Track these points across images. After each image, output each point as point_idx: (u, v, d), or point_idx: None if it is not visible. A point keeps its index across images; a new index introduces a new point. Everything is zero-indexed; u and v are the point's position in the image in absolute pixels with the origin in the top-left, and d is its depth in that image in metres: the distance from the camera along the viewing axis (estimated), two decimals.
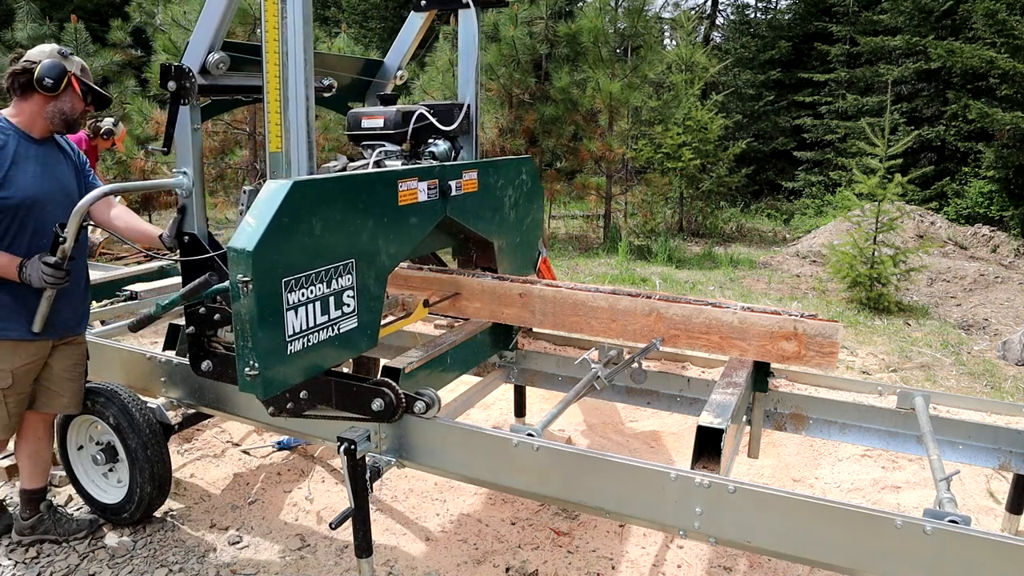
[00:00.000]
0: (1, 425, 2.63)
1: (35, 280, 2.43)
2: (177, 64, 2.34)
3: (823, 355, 2.40)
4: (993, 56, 11.03)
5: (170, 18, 9.03)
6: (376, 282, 2.33)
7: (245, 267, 1.89)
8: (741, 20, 20.93)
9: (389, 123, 2.76)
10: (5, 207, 2.44)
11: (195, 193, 2.48)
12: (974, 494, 3.36)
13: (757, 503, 1.91)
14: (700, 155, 12.07)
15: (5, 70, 2.55)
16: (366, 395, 2.25)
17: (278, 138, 2.20)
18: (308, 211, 2.02)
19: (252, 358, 1.96)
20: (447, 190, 2.61)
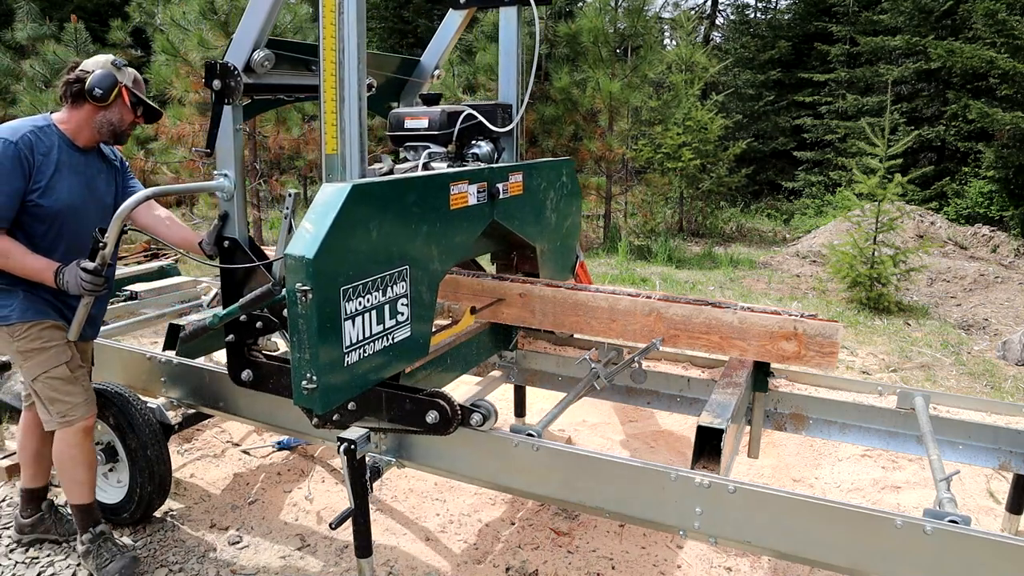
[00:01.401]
0: (82, 401, 2.58)
1: (72, 287, 2.39)
2: (223, 62, 2.26)
3: (823, 355, 2.40)
4: (993, 56, 11.03)
5: (170, 18, 9.02)
6: (428, 289, 2.27)
7: (304, 275, 1.81)
8: (741, 20, 20.94)
9: (434, 124, 2.67)
10: (44, 214, 2.44)
11: (236, 197, 2.40)
12: (974, 494, 3.36)
13: (757, 503, 1.91)
14: (700, 155, 12.07)
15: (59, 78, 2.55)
16: (419, 407, 2.15)
17: (334, 139, 2.12)
18: (366, 216, 1.95)
19: (310, 370, 1.89)
20: (495, 193, 2.54)
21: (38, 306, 2.49)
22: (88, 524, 2.70)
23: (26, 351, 2.50)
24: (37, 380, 2.52)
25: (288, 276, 1.85)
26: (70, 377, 2.54)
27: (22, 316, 2.47)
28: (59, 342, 2.53)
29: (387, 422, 2.20)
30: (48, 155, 2.44)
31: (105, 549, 2.68)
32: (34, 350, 2.50)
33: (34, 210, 2.43)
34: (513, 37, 3.01)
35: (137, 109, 2.58)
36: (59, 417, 2.55)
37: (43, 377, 2.51)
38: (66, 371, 2.54)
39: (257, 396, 2.69)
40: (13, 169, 2.35)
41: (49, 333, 2.52)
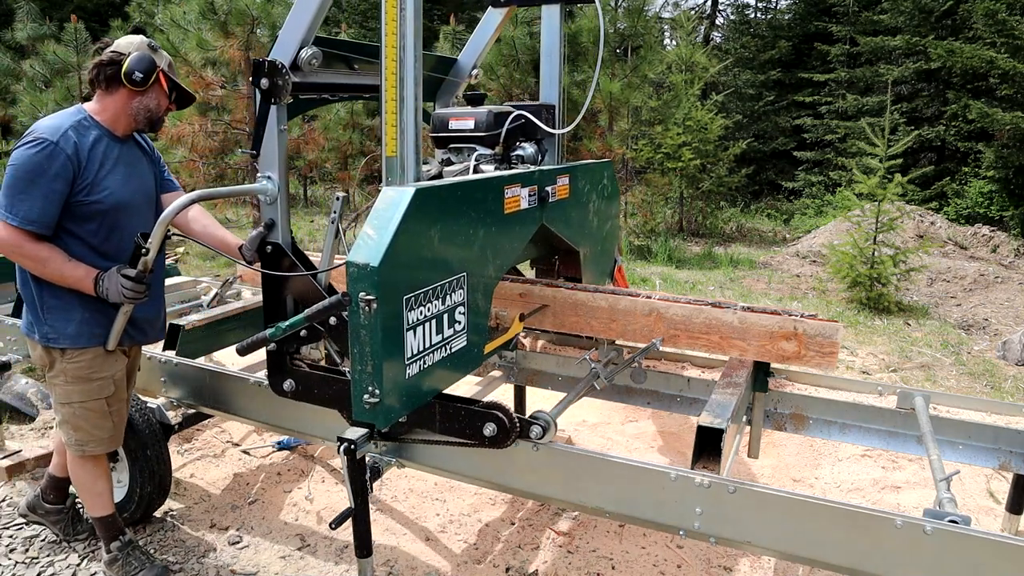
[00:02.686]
0: (107, 437, 2.51)
1: (113, 295, 2.28)
2: (270, 60, 2.16)
3: (823, 355, 2.40)
4: (993, 56, 11.03)
5: (170, 18, 9.02)
6: (484, 297, 2.23)
7: (369, 283, 1.74)
8: (741, 20, 20.94)
9: (480, 125, 2.59)
10: (95, 212, 2.31)
11: (280, 200, 2.29)
12: (974, 494, 3.35)
13: (757, 503, 1.91)
14: (700, 155, 12.07)
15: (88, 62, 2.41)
16: (476, 419, 2.07)
17: (394, 140, 2.02)
18: (428, 221, 1.89)
19: (372, 384, 1.82)
20: (545, 197, 2.47)
21: (95, 330, 2.38)
22: (115, 533, 2.65)
23: (73, 377, 2.40)
24: (70, 405, 2.42)
25: (350, 285, 1.77)
26: (104, 412, 2.47)
27: (75, 343, 2.36)
28: (107, 374, 2.44)
29: (440, 435, 2.12)
30: (93, 150, 2.29)
31: (134, 558, 2.63)
32: (80, 378, 2.40)
33: (83, 209, 2.29)
34: (555, 36, 2.94)
35: (172, 94, 2.44)
36: (77, 446, 2.48)
37: (78, 405, 2.42)
38: (103, 406, 2.46)
39: (257, 396, 2.69)
40: (55, 172, 2.21)
41: (100, 362, 2.42)
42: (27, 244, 2.22)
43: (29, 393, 4.10)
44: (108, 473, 2.65)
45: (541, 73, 3.03)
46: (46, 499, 2.85)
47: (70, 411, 2.43)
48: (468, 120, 2.62)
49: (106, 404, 2.46)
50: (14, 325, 3.33)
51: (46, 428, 3.84)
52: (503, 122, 2.60)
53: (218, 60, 8.84)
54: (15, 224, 2.19)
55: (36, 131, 2.23)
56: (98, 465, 2.59)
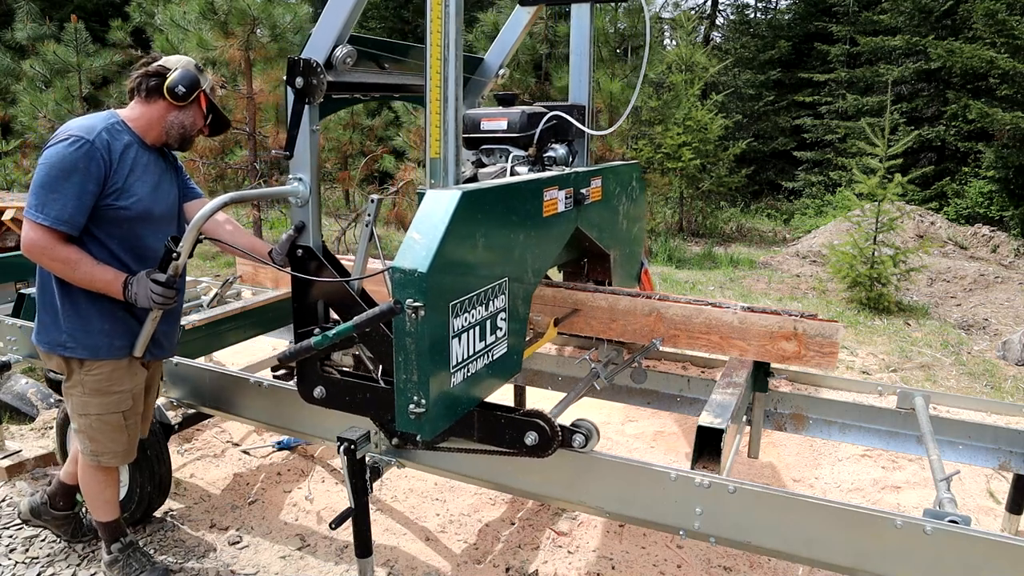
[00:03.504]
0: (122, 451, 2.46)
1: (142, 300, 2.22)
2: (305, 58, 2.09)
3: (823, 355, 2.40)
4: (993, 56, 11.04)
5: (170, 18, 9.02)
6: (524, 302, 2.18)
7: (416, 290, 1.68)
8: (741, 20, 20.96)
9: (514, 125, 2.53)
10: (122, 217, 2.26)
11: (312, 203, 2.22)
12: (974, 494, 3.36)
13: (757, 503, 1.91)
14: (700, 155, 12.07)
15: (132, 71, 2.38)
16: (516, 428, 2.01)
17: (438, 142, 1.96)
18: (474, 225, 1.85)
19: (418, 393, 1.76)
20: (581, 199, 2.43)
21: (116, 342, 2.33)
22: (117, 535, 2.64)
23: (91, 389, 2.35)
24: (87, 416, 2.39)
25: (396, 291, 1.71)
26: (120, 426, 2.42)
27: (95, 355, 2.31)
28: (124, 388, 2.39)
29: (478, 443, 2.08)
30: (124, 154, 2.26)
31: (135, 560, 2.63)
32: (98, 390, 2.36)
33: (111, 213, 2.24)
34: (585, 36, 2.89)
35: (208, 116, 2.43)
36: (91, 456, 2.45)
37: (94, 417, 2.38)
38: (120, 420, 2.41)
39: (257, 396, 2.69)
40: (87, 171, 2.16)
41: (120, 375, 2.37)
42: (58, 246, 2.16)
43: (29, 393, 4.10)
44: (117, 482, 2.64)
45: (571, 73, 2.98)
46: (55, 506, 2.81)
47: (86, 422, 2.39)
48: (501, 121, 2.56)
49: (123, 418, 2.41)
50: (14, 325, 3.33)
51: (46, 428, 3.84)
52: (537, 123, 2.55)
53: (218, 60, 8.85)
54: (46, 224, 2.13)
55: (69, 129, 2.19)
56: (109, 475, 2.56)
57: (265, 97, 9.26)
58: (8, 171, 11.09)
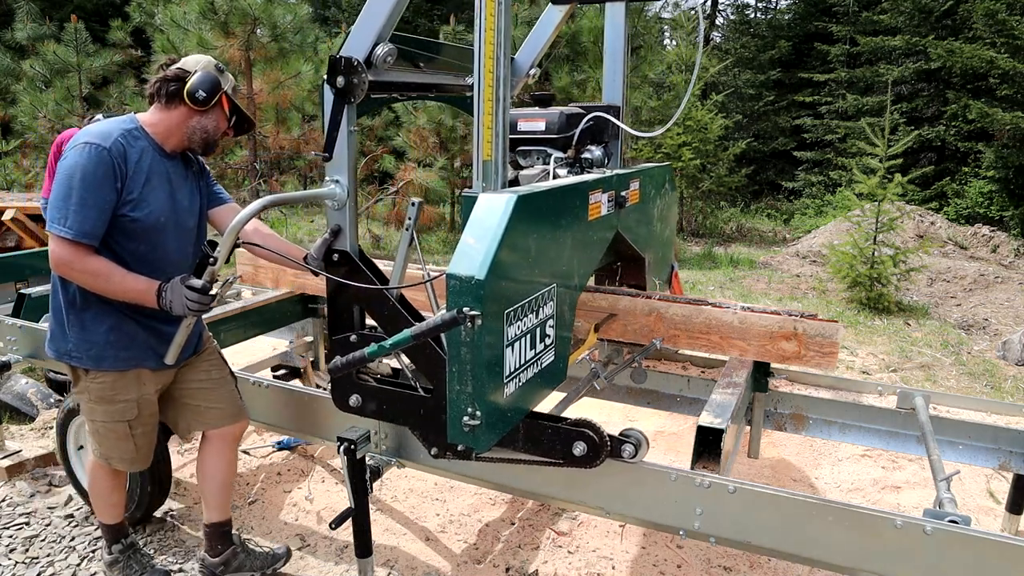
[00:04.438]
0: (130, 458, 2.41)
1: (177, 307, 2.14)
2: (347, 56, 2.02)
3: (823, 355, 2.40)
4: (993, 56, 11.04)
5: (170, 18, 9.02)
6: (570, 308, 2.14)
7: (473, 298, 1.62)
8: (741, 20, 20.96)
9: (552, 126, 2.48)
10: (137, 229, 2.18)
11: (349, 205, 2.14)
12: (974, 494, 3.36)
13: (757, 503, 1.91)
14: (700, 155, 12.07)
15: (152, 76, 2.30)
16: (564, 437, 1.96)
17: (489, 144, 1.89)
18: (528, 229, 1.80)
19: (473, 405, 1.71)
20: (622, 202, 2.38)
21: (122, 353, 2.27)
22: (119, 536, 2.62)
23: (96, 397, 2.32)
24: (93, 422, 2.37)
25: (451, 299, 1.65)
26: (125, 434, 2.36)
27: (98, 365, 2.27)
28: (130, 398, 2.33)
29: (523, 453, 2.03)
30: (139, 162, 2.18)
31: (135, 561, 2.62)
32: (103, 399, 2.31)
33: (127, 225, 2.17)
34: (620, 36, 2.85)
35: (232, 118, 2.35)
36: (102, 457, 2.42)
37: (100, 424, 2.35)
38: (124, 429, 2.35)
39: (257, 396, 2.69)
40: (104, 179, 2.09)
41: (123, 385, 2.31)
42: (87, 258, 2.11)
43: (29, 393, 4.11)
44: (125, 485, 2.63)
45: (604, 73, 2.93)
46: (213, 555, 2.60)
47: (93, 427, 2.38)
48: (539, 122, 2.51)
49: (127, 427, 2.35)
50: (14, 325, 3.33)
51: (46, 428, 3.84)
52: (575, 124, 2.50)
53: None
54: (70, 238, 2.06)
55: (85, 136, 2.14)
56: (118, 478, 2.54)
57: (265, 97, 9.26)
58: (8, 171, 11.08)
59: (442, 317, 1.66)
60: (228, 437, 2.55)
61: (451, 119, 10.33)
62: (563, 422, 1.97)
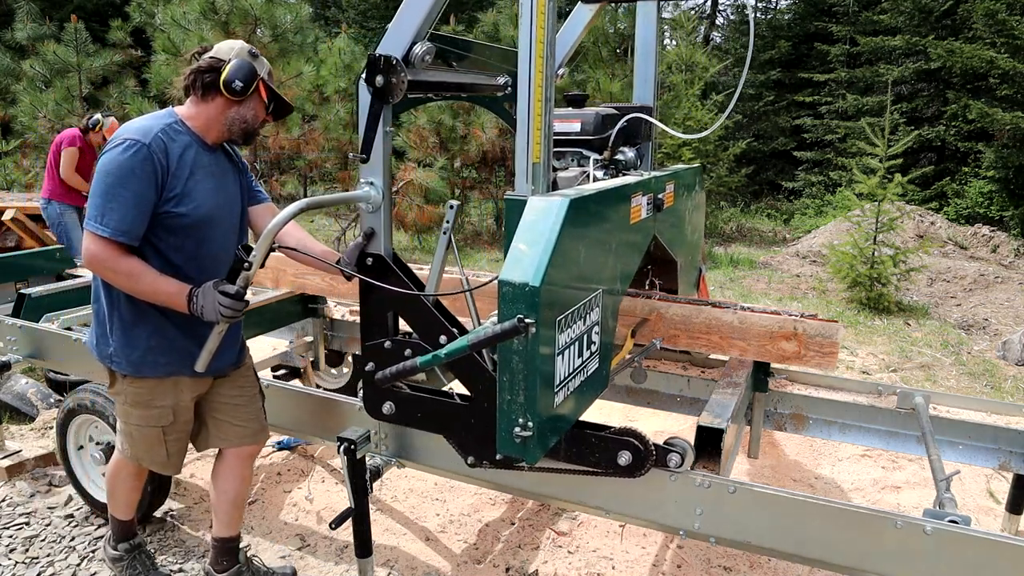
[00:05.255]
0: (161, 462, 2.38)
1: (209, 313, 2.07)
2: (385, 55, 1.95)
3: (823, 355, 2.40)
4: (993, 56, 11.04)
5: (170, 18, 9.02)
6: (613, 315, 2.10)
7: (527, 305, 1.58)
8: (741, 20, 20.94)
9: (587, 127, 2.43)
10: (181, 224, 2.13)
11: (384, 208, 2.08)
12: (974, 494, 3.36)
13: (757, 503, 1.91)
14: (700, 155, 12.07)
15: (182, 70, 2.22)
16: (608, 447, 1.92)
17: (538, 145, 1.82)
18: (579, 234, 1.76)
19: (525, 415, 1.66)
20: (660, 204, 2.34)
21: (161, 359, 2.23)
22: (128, 535, 2.62)
23: (132, 400, 2.29)
24: (127, 424, 2.34)
25: (504, 307, 1.61)
26: (159, 440, 2.33)
27: (138, 371, 2.23)
28: (166, 404, 2.29)
29: (564, 463, 1.99)
30: (182, 156, 2.12)
31: (139, 562, 2.61)
32: (139, 403, 2.28)
33: (169, 220, 2.11)
34: (651, 35, 2.80)
35: (270, 104, 2.27)
36: (132, 457, 2.39)
37: (134, 427, 2.32)
38: (158, 434, 2.32)
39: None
40: (144, 177, 2.03)
41: (161, 391, 2.27)
42: (120, 257, 2.05)
43: (29, 393, 4.11)
44: (142, 487, 2.63)
45: (635, 74, 2.87)
46: (219, 570, 2.55)
47: (127, 429, 2.35)
48: (574, 123, 2.46)
49: (162, 433, 2.32)
50: (14, 325, 3.33)
51: (46, 428, 3.84)
52: (611, 125, 2.45)
53: None
54: (106, 236, 2.02)
55: (125, 133, 2.08)
56: (141, 475, 2.54)
57: None
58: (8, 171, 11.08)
59: (502, 327, 1.59)
60: (245, 455, 2.50)
61: (451, 119, 10.33)
62: (607, 430, 1.92)
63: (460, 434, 2.02)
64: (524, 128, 1.82)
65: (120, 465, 2.50)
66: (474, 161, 10.48)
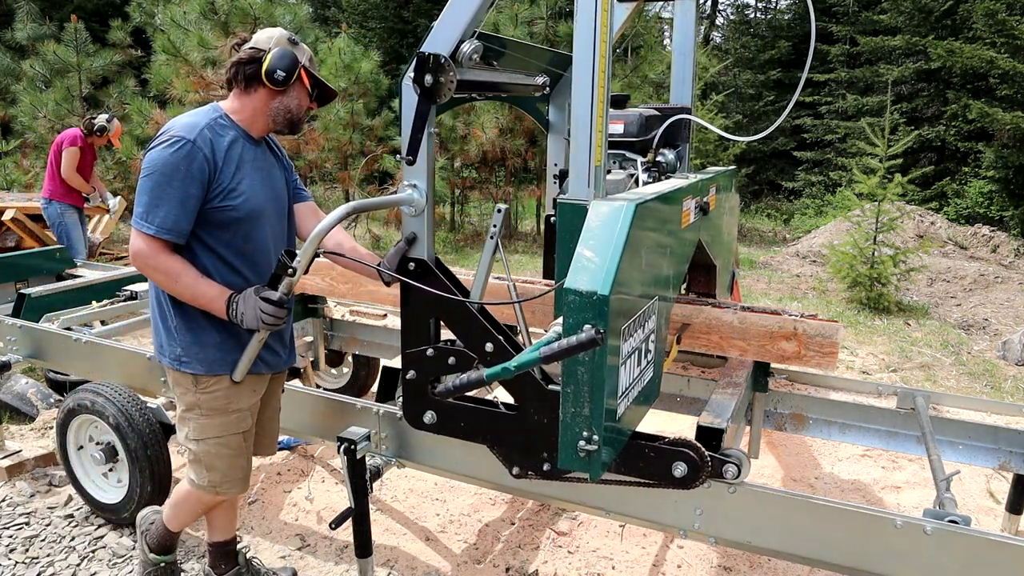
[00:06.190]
0: (242, 477, 2.28)
1: (249, 320, 2.01)
2: (435, 54, 1.87)
3: (823, 355, 2.40)
4: (993, 56, 11.04)
5: (170, 18, 9.03)
6: (665, 323, 2.05)
7: (597, 314, 1.52)
8: (741, 20, 20.94)
9: (631, 128, 2.38)
10: (230, 219, 2.08)
11: (427, 211, 2.01)
12: (974, 494, 3.36)
13: (757, 503, 1.91)
14: (699, 155, 12.07)
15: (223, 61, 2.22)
16: (662, 457, 1.85)
17: (600, 148, 1.78)
18: (642, 239, 1.70)
19: (590, 429, 1.60)
20: (705, 208, 2.29)
21: (231, 356, 2.15)
22: (163, 548, 2.51)
23: (208, 409, 2.18)
24: (204, 442, 2.20)
25: (570, 315, 1.55)
26: (241, 448, 2.25)
27: (210, 369, 2.14)
28: (244, 407, 2.22)
29: (615, 474, 1.93)
30: (229, 150, 2.07)
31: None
32: (216, 410, 2.18)
33: (218, 215, 2.07)
34: (689, 34, 2.76)
35: (313, 92, 2.22)
36: (210, 487, 2.25)
37: (213, 441, 2.20)
38: (240, 441, 2.24)
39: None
40: (188, 174, 1.99)
41: (237, 392, 2.19)
42: (162, 256, 2.02)
43: (29, 393, 4.11)
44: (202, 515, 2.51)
45: (673, 73, 2.83)
46: (219, 573, 2.53)
47: (204, 448, 2.21)
48: (617, 124, 2.41)
49: (242, 440, 2.24)
50: (14, 325, 3.33)
51: (46, 428, 3.84)
52: (654, 127, 2.40)
53: (218, 60, 8.85)
54: (151, 233, 1.99)
55: (171, 129, 2.04)
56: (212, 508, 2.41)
57: None
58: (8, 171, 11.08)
59: (578, 339, 1.51)
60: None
61: (451, 119, 10.33)
62: (661, 441, 1.86)
63: (506, 445, 1.96)
64: (586, 130, 1.76)
65: (194, 498, 2.33)
66: (474, 161, 10.48)
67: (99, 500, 3.01)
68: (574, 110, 1.77)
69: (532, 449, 1.88)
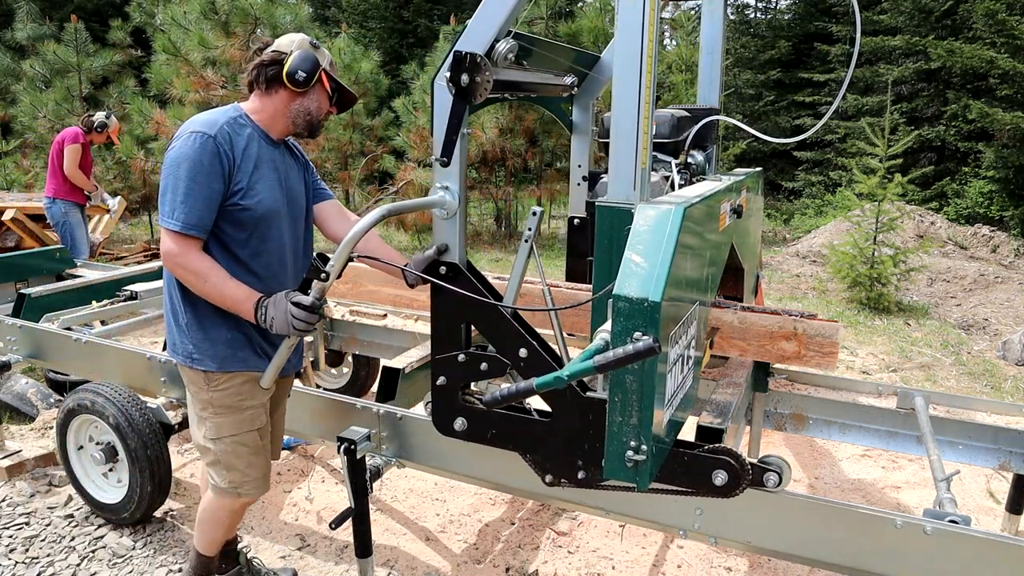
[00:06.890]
0: (262, 476, 2.28)
1: (279, 324, 1.98)
2: (471, 52, 1.83)
3: (823, 355, 2.40)
4: (993, 56, 11.03)
5: (170, 18, 9.02)
6: (704, 327, 2.01)
7: (646, 321, 1.48)
8: (741, 20, 20.93)
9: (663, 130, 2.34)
10: (247, 218, 2.08)
11: (459, 214, 1.95)
12: (974, 494, 3.36)
13: (757, 503, 1.91)
14: None
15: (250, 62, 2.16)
16: (701, 465, 1.79)
17: (646, 150, 1.72)
18: (688, 244, 1.66)
19: (638, 439, 1.56)
20: (739, 210, 2.25)
21: (241, 352, 2.15)
22: (202, 572, 2.48)
23: (221, 406, 2.17)
24: (221, 440, 2.19)
25: (619, 322, 1.51)
26: (258, 446, 2.24)
27: (222, 366, 2.13)
28: (257, 403, 2.21)
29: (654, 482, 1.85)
30: (247, 149, 2.08)
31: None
32: (230, 407, 2.17)
33: (236, 214, 2.06)
34: (717, 32, 2.72)
35: (333, 95, 2.23)
36: (231, 487, 2.23)
37: (230, 440, 2.19)
38: (256, 439, 2.23)
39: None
40: (212, 168, 1.99)
41: (249, 389, 2.18)
42: (191, 254, 2.00)
43: (29, 393, 4.11)
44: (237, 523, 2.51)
45: (700, 73, 2.79)
46: (221, 572, 2.53)
47: (222, 448, 2.19)
48: None
49: (258, 437, 2.23)
50: (14, 325, 3.33)
51: (46, 428, 3.84)
52: (686, 127, 2.36)
53: (219, 60, 8.85)
54: (178, 230, 1.98)
55: (191, 126, 2.04)
56: (238, 514, 2.41)
57: None
58: (8, 171, 11.08)
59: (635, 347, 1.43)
60: None
61: None
62: (699, 448, 1.81)
63: (540, 452, 1.92)
64: (631, 132, 1.71)
65: (217, 505, 2.32)
66: (474, 161, 10.48)
67: (99, 500, 3.01)
68: (615, 111, 1.73)
69: (567, 457, 1.83)
